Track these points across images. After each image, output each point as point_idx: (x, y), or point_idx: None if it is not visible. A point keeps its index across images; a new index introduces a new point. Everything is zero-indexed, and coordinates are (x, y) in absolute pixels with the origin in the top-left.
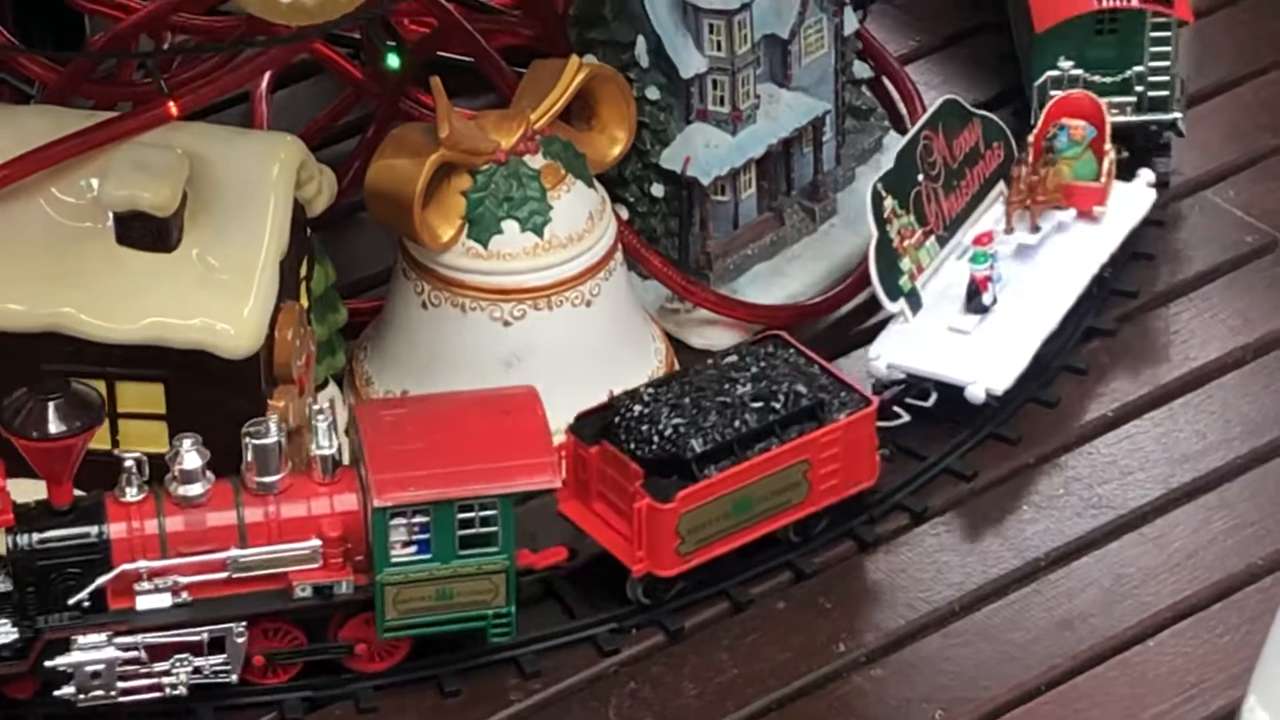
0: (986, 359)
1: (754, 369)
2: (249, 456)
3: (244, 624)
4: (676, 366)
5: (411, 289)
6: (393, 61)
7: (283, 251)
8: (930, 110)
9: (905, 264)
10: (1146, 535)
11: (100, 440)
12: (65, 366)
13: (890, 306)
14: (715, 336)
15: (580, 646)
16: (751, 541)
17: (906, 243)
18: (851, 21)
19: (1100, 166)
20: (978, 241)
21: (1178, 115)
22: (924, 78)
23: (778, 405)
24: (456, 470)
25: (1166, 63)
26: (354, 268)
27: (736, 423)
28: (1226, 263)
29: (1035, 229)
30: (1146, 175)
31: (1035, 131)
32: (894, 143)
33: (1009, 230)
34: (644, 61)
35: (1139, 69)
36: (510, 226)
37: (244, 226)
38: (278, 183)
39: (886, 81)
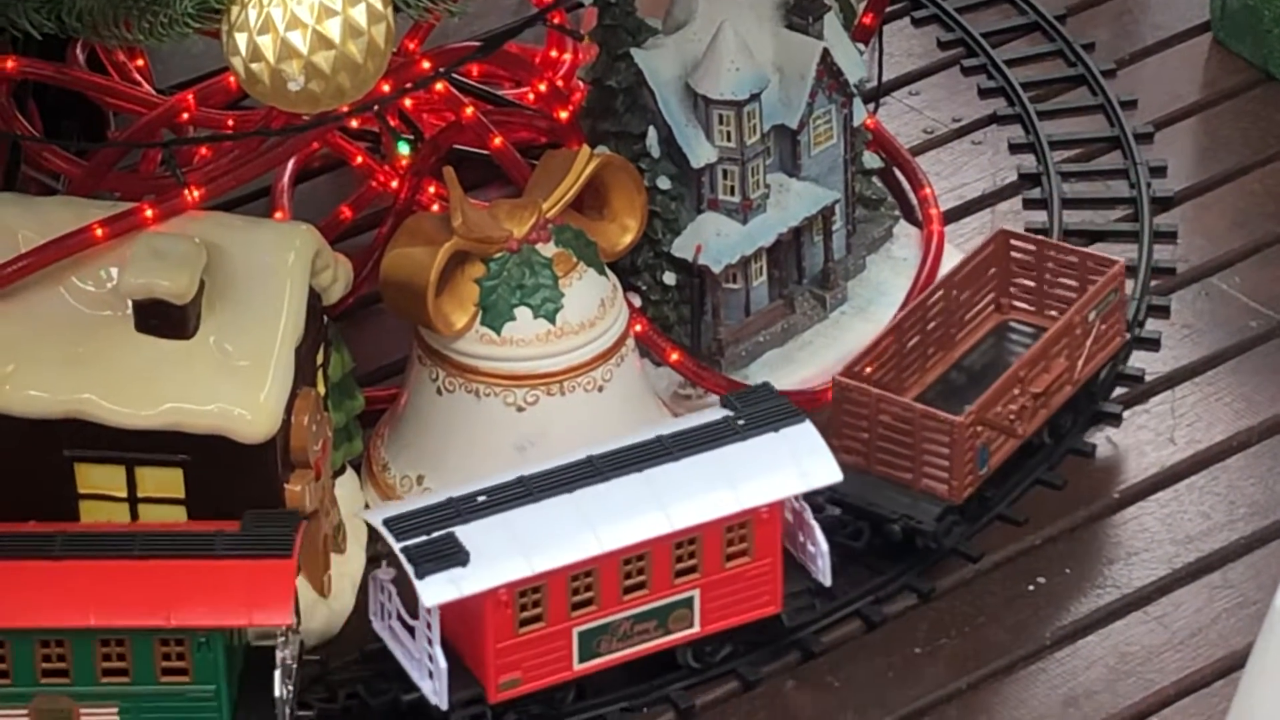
0: None
1: None
2: None
3: None
4: None
5: (426, 375)
6: (403, 148)
7: (298, 338)
8: None
9: None
10: (1151, 614)
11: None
12: (86, 452)
13: None
14: None
15: None
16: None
17: None
18: (861, 112)
19: None
20: None
21: None
22: (935, 168)
23: None
24: None
25: None
26: (374, 357)
27: None
28: (1232, 347)
29: None
30: None
31: None
32: (904, 231)
33: None
34: (655, 152)
35: None
36: (523, 313)
37: (260, 313)
38: (293, 270)
39: (897, 171)
